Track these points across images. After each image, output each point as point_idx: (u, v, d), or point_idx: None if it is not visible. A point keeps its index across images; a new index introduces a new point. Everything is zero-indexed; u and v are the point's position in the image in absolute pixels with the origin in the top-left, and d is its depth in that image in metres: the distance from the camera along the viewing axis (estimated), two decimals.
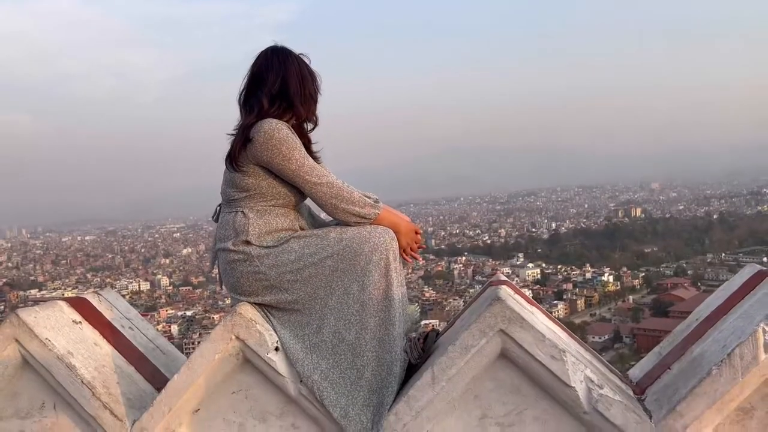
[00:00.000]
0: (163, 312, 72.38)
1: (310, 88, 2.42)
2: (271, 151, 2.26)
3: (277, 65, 2.37)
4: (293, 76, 2.38)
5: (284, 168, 2.27)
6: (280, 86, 2.36)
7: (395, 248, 2.27)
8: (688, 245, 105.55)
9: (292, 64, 2.39)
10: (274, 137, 2.25)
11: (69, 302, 2.54)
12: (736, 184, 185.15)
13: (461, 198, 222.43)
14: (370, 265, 2.21)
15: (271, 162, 2.27)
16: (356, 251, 2.23)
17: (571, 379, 1.99)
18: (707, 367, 1.96)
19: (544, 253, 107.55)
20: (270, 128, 2.27)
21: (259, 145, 2.26)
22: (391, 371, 2.19)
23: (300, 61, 2.42)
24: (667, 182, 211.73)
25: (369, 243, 2.23)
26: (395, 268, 2.25)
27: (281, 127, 2.29)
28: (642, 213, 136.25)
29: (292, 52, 2.43)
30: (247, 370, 2.25)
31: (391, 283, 2.23)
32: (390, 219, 2.33)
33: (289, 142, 2.27)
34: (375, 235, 2.25)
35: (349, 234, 2.27)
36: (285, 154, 2.26)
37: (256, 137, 2.27)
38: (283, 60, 2.39)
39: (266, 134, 2.26)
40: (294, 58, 2.41)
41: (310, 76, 2.43)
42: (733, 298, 2.26)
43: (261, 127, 2.28)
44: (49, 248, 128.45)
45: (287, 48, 2.43)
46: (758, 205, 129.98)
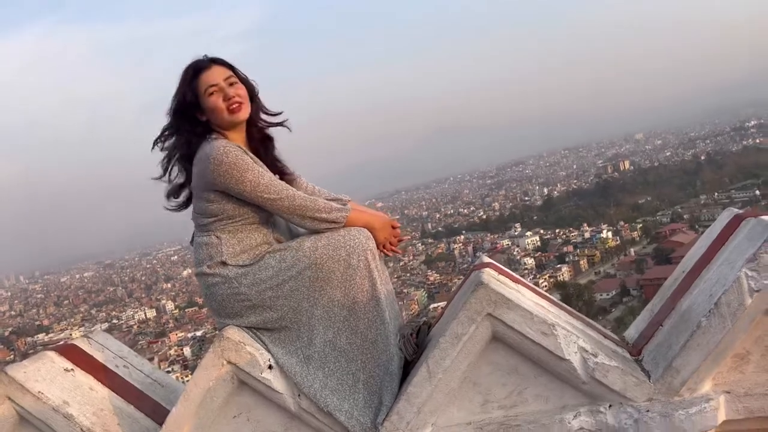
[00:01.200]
0: (173, 336, 72.31)
1: (181, 98, 2.34)
2: (223, 178, 2.21)
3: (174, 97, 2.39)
4: (173, 106, 2.37)
5: (241, 191, 2.23)
6: (171, 112, 2.39)
7: (372, 247, 2.25)
8: (680, 190, 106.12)
9: (176, 92, 2.38)
10: (223, 162, 2.20)
11: (58, 351, 2.52)
12: (718, 122, 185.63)
13: (450, 178, 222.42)
14: (350, 269, 2.20)
15: (227, 188, 2.24)
16: (333, 257, 2.20)
17: (565, 352, 1.99)
18: (696, 320, 1.96)
19: (540, 219, 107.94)
20: (218, 153, 2.21)
21: (210, 172, 2.22)
22: (387, 370, 2.18)
23: (180, 83, 2.37)
24: (651, 131, 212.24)
25: (345, 247, 2.21)
26: (376, 267, 2.24)
27: (228, 150, 2.22)
28: (630, 165, 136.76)
29: (182, 73, 2.37)
30: (245, 392, 2.24)
31: (375, 283, 2.22)
32: (362, 219, 2.30)
33: (239, 165, 2.21)
34: (349, 237, 2.22)
35: (323, 241, 2.24)
36: (237, 178, 2.21)
37: (208, 166, 2.22)
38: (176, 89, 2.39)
39: (215, 161, 2.20)
40: (177, 86, 2.38)
41: (183, 88, 2.34)
42: (714, 245, 2.26)
43: (210, 155, 2.22)
44: (49, 291, 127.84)
45: (182, 71, 2.38)
46: (743, 140, 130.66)
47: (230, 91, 2.33)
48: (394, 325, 2.25)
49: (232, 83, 2.35)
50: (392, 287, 2.35)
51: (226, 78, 2.34)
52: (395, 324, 2.27)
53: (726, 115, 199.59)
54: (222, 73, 2.35)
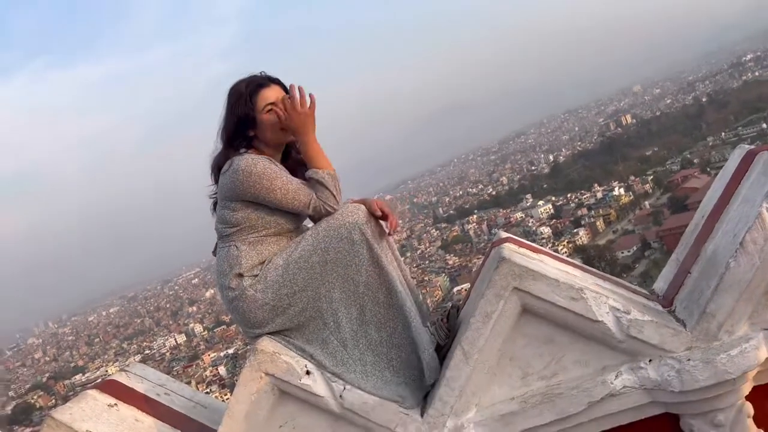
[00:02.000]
0: (206, 357, 72.95)
1: (240, 113, 2.39)
2: (253, 187, 2.27)
3: (224, 110, 2.44)
4: (228, 115, 2.42)
5: (271, 199, 2.29)
6: (225, 128, 2.42)
7: (366, 219, 2.26)
8: (686, 135, 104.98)
9: (228, 103, 2.43)
10: (252, 173, 2.26)
11: (99, 388, 2.55)
12: (715, 62, 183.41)
13: (454, 160, 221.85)
14: (355, 245, 2.23)
15: (257, 197, 2.30)
16: (335, 237, 2.24)
17: (597, 314, 1.99)
18: (724, 262, 1.95)
19: (550, 187, 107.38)
20: (247, 165, 2.28)
21: (240, 183, 2.28)
22: (420, 334, 2.20)
23: (230, 93, 2.43)
24: (648, 81, 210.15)
25: (344, 225, 2.24)
26: (375, 239, 2.25)
27: (257, 161, 2.29)
28: (632, 119, 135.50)
29: (233, 88, 2.44)
30: (287, 400, 2.26)
31: (378, 253, 2.23)
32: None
33: (268, 173, 2.27)
34: (345, 214, 2.26)
35: (323, 225, 2.29)
36: (267, 186, 2.27)
37: (237, 177, 2.28)
38: (225, 102, 2.44)
39: (244, 172, 2.27)
40: (229, 95, 2.43)
41: (241, 100, 2.40)
42: (730, 185, 2.24)
43: (239, 166, 2.29)
44: (79, 331, 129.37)
45: (234, 86, 2.44)
46: (742, 75, 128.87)
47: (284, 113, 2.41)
48: (404, 286, 2.28)
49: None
50: (398, 252, 2.39)
51: (283, 98, 2.42)
52: (413, 290, 2.32)
53: (722, 54, 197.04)
54: (279, 93, 2.43)
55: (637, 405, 2.03)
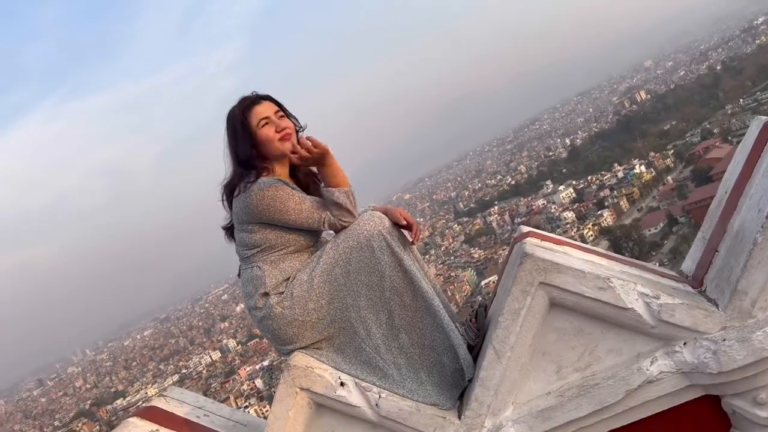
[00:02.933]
0: (242, 372, 73.60)
1: (239, 135, 2.41)
2: (267, 210, 2.30)
3: (225, 138, 2.46)
4: (230, 140, 2.44)
5: (286, 221, 2.32)
6: (231, 154, 2.45)
7: (386, 224, 2.28)
8: (703, 106, 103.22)
9: (227, 129, 2.45)
10: (265, 196, 2.29)
11: (140, 415, 2.58)
12: (725, 28, 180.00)
13: (470, 152, 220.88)
14: (375, 252, 2.24)
15: (272, 219, 2.33)
16: (355, 247, 2.26)
17: (626, 301, 1.97)
18: (751, 237, 1.91)
19: (569, 171, 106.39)
20: (259, 189, 2.30)
21: (255, 207, 2.30)
22: (450, 332, 2.21)
23: (227, 120, 2.45)
24: (659, 55, 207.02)
25: (363, 233, 2.26)
26: (396, 243, 2.26)
27: (269, 183, 2.32)
28: (647, 94, 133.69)
29: (229, 113, 2.46)
30: (324, 414, 2.27)
31: (401, 258, 2.24)
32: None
33: (280, 196, 2.30)
34: (363, 223, 2.28)
35: (342, 237, 2.31)
36: (280, 209, 2.30)
37: (250, 201, 2.31)
38: (225, 130, 2.46)
39: (257, 196, 2.30)
40: (227, 121, 2.45)
41: (237, 123, 2.42)
42: (751, 158, 2.20)
43: (251, 190, 2.32)
44: (116, 357, 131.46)
45: (229, 112, 2.46)
46: (755, 39, 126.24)
47: (281, 123, 2.43)
48: (429, 285, 2.28)
49: (281, 117, 2.46)
50: (420, 256, 2.40)
51: (275, 112, 2.45)
52: (438, 292, 2.32)
53: (732, 20, 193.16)
54: (271, 107, 2.46)
55: (675, 390, 2.00)
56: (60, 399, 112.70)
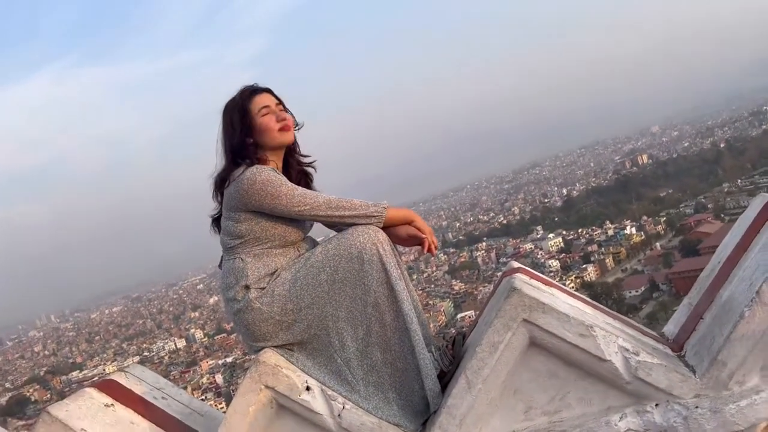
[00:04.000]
0: (204, 364, 72.62)
1: (238, 122, 2.40)
2: (258, 195, 2.27)
3: (221, 128, 2.45)
4: (226, 128, 2.42)
5: (276, 206, 2.28)
6: (226, 142, 2.42)
7: (382, 239, 2.25)
8: (702, 180, 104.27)
9: (224, 118, 2.44)
10: (257, 180, 2.26)
11: (97, 387, 2.53)
12: (735, 108, 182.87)
13: (467, 185, 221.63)
14: (365, 264, 2.21)
15: (261, 205, 2.28)
16: (346, 257, 2.22)
17: (606, 353, 1.96)
18: (739, 310, 1.91)
19: (561, 220, 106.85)
20: (251, 174, 2.28)
21: (245, 191, 2.27)
22: (422, 359, 2.17)
23: (225, 108, 2.44)
24: (667, 123, 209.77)
25: (355, 244, 2.22)
26: (389, 259, 2.23)
27: (261, 169, 2.30)
28: (648, 159, 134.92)
29: (228, 102, 2.45)
30: (284, 415, 2.23)
31: (390, 274, 2.21)
32: (402, 212, 2.34)
33: (273, 181, 2.27)
34: (358, 234, 2.24)
35: (333, 243, 2.27)
36: (272, 193, 2.26)
37: (242, 186, 2.28)
38: (222, 120, 2.45)
39: (249, 180, 2.27)
40: (224, 110, 2.44)
41: (236, 109, 2.41)
42: (749, 233, 2.21)
43: (243, 175, 2.29)
44: (80, 328, 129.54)
45: (228, 101, 2.46)
46: (762, 124, 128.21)
47: (281, 114, 2.44)
48: (413, 310, 2.24)
49: (281, 109, 2.47)
50: (408, 276, 2.35)
51: (276, 104, 2.46)
52: (420, 314, 2.28)
53: (742, 101, 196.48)
54: (272, 99, 2.46)
55: None
56: (16, 361, 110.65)
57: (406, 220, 2.32)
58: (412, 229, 2.32)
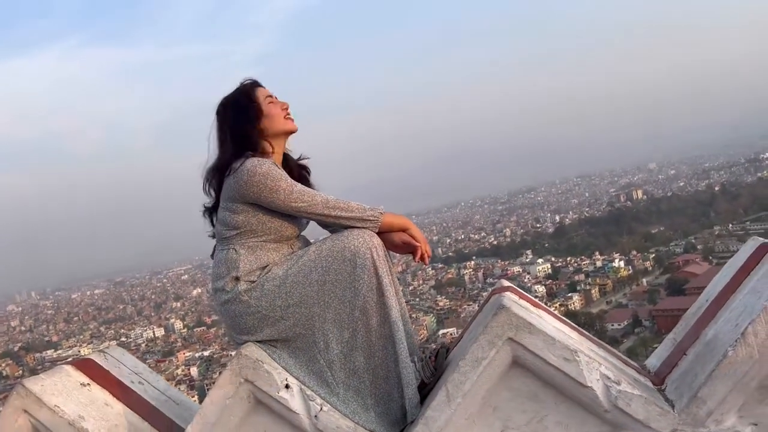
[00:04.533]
0: (180, 355, 72.06)
1: (246, 110, 2.41)
2: (257, 187, 2.26)
3: (219, 120, 2.46)
4: (233, 117, 2.43)
5: (273, 200, 2.28)
6: (232, 131, 2.42)
7: (377, 244, 2.25)
8: (693, 220, 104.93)
9: (228, 109, 2.44)
10: (257, 173, 2.26)
11: (75, 365, 2.52)
12: (732, 154, 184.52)
13: (462, 203, 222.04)
14: (357, 268, 2.21)
15: (259, 197, 2.28)
16: (338, 258, 2.22)
17: (587, 379, 1.96)
18: (723, 349, 1.92)
19: (551, 247, 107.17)
20: (252, 165, 2.28)
21: (244, 183, 2.27)
22: (405, 368, 2.18)
23: (230, 101, 2.45)
24: (664, 161, 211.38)
25: (349, 247, 2.22)
26: (381, 264, 2.23)
27: (262, 162, 2.30)
28: (643, 194, 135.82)
29: (234, 92, 2.47)
30: (261, 411, 2.22)
31: (382, 280, 2.21)
32: (399, 219, 2.34)
33: (272, 174, 2.27)
34: (353, 237, 2.24)
35: (328, 244, 2.27)
36: (271, 187, 2.26)
37: (241, 177, 2.28)
38: (220, 113, 2.46)
39: (249, 172, 2.27)
40: (226, 103, 2.45)
41: (242, 98, 2.43)
42: (739, 274, 2.23)
43: (244, 166, 2.29)
44: (60, 307, 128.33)
45: (228, 96, 2.47)
46: (758, 171, 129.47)
47: (284, 104, 2.48)
48: (400, 320, 2.24)
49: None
50: (398, 284, 2.35)
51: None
52: (406, 322, 2.29)
53: (740, 147, 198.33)
54: (269, 92, 2.50)
55: None
56: None
57: (402, 227, 2.33)
58: (407, 237, 2.32)
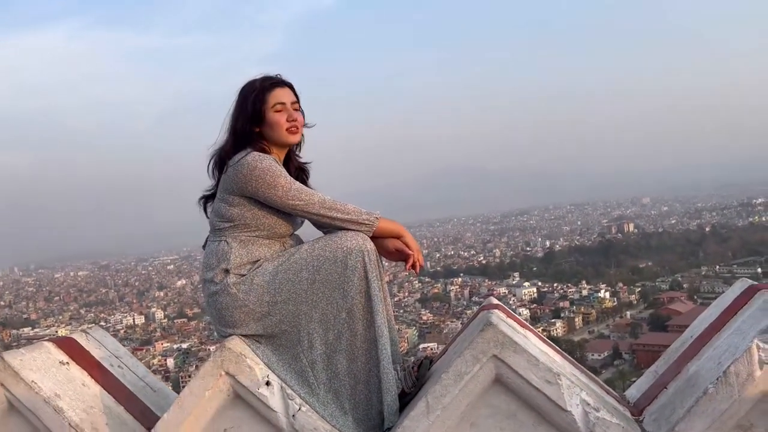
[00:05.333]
0: (158, 345, 71.54)
1: (251, 107, 2.38)
2: (255, 182, 2.27)
3: (234, 104, 2.44)
4: (238, 108, 2.42)
5: (271, 196, 2.28)
6: (234, 121, 2.42)
7: (370, 248, 2.25)
8: (682, 258, 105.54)
9: (239, 97, 2.43)
10: (257, 168, 2.26)
11: (56, 343, 2.50)
12: (726, 196, 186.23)
13: (455, 219, 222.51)
14: (348, 270, 2.21)
15: (257, 192, 2.28)
16: (330, 259, 2.22)
17: (567, 403, 1.96)
18: (703, 386, 1.93)
19: (539, 271, 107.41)
20: (253, 160, 2.28)
21: (243, 177, 2.27)
22: (386, 374, 2.17)
23: (243, 89, 2.43)
24: (658, 196, 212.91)
25: (342, 248, 2.22)
26: (372, 268, 2.23)
27: (264, 157, 2.30)
28: (635, 228, 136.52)
29: (248, 83, 2.44)
30: (239, 405, 2.21)
31: (371, 285, 2.22)
32: (393, 225, 2.34)
33: (273, 170, 2.28)
34: (346, 239, 2.24)
35: (320, 243, 2.27)
36: (269, 182, 2.27)
37: (241, 170, 2.28)
38: (237, 97, 2.44)
39: (249, 166, 2.27)
40: (242, 90, 2.43)
41: (252, 95, 2.39)
42: (726, 313, 2.25)
43: (245, 159, 2.29)
44: (41, 285, 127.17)
45: (248, 81, 2.44)
46: (749, 216, 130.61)
47: (294, 114, 2.43)
48: (385, 325, 2.24)
49: (296, 108, 2.45)
50: (387, 290, 2.36)
51: (293, 102, 2.44)
52: (392, 329, 2.29)
53: (734, 190, 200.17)
54: (290, 96, 2.45)
55: None
56: None
57: (396, 234, 2.33)
58: (400, 244, 2.33)
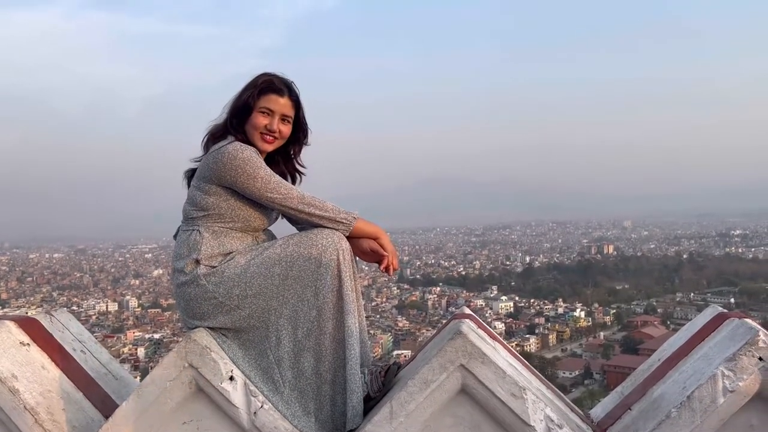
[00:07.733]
0: (129, 334, 70.63)
1: (243, 100, 2.37)
2: (235, 171, 2.24)
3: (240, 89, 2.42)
4: (236, 95, 2.41)
5: (249, 187, 2.25)
6: (231, 107, 2.41)
7: (345, 247, 2.23)
8: (658, 283, 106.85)
9: (244, 86, 2.41)
10: (237, 157, 2.24)
11: (18, 322, 2.44)
12: (705, 225, 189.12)
13: (437, 228, 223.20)
14: (321, 268, 2.19)
15: (235, 182, 2.25)
16: (304, 255, 2.20)
17: (531, 418, 1.96)
18: (667, 409, 1.94)
19: (517, 286, 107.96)
20: (234, 149, 2.26)
21: (223, 165, 2.24)
22: (352, 376, 2.15)
23: (251, 81, 2.41)
24: (639, 221, 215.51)
25: (317, 246, 2.20)
26: (346, 269, 2.21)
27: (245, 147, 2.28)
28: (614, 250, 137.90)
29: (256, 76, 2.41)
30: (200, 399, 2.17)
31: (344, 284, 2.19)
32: (371, 227, 2.31)
33: (253, 161, 2.25)
34: (322, 237, 2.22)
35: (295, 239, 2.24)
36: (249, 173, 2.24)
37: (221, 158, 2.25)
38: (244, 85, 2.42)
39: (230, 155, 2.25)
40: (252, 79, 2.41)
41: (250, 89, 2.37)
42: (694, 339, 2.26)
43: (225, 148, 2.26)
44: (15, 265, 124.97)
45: (252, 80, 2.41)
46: (726, 246, 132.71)
47: (277, 125, 2.37)
48: (356, 325, 2.22)
49: (285, 121, 2.40)
50: (361, 293, 2.33)
51: (284, 114, 2.39)
52: (362, 331, 2.26)
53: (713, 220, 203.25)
54: (284, 107, 2.39)
55: None
56: None
57: (373, 236, 2.31)
58: (375, 245, 2.30)
